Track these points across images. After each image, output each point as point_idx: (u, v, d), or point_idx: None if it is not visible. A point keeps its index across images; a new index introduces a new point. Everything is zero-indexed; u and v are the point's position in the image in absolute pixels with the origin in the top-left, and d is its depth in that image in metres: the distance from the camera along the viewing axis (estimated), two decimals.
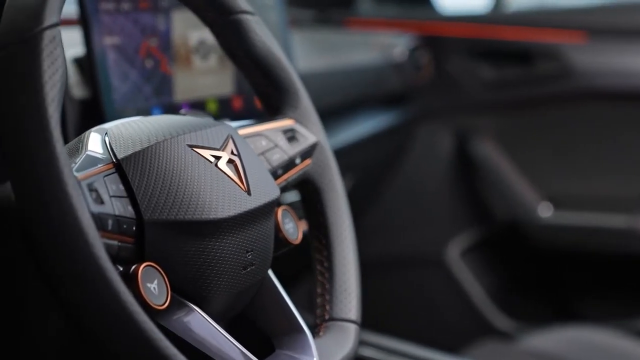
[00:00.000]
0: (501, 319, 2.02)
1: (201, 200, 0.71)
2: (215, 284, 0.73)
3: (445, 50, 2.02)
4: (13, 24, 0.64)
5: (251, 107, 1.26)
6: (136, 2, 1.10)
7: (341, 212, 0.90)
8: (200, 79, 1.19)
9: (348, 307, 0.86)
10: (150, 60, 1.11)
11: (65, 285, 0.61)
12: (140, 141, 0.72)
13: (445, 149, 2.06)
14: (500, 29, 2.00)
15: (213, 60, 1.21)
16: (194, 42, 1.18)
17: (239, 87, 1.25)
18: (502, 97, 2.01)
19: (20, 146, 0.61)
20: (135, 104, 1.09)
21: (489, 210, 2.08)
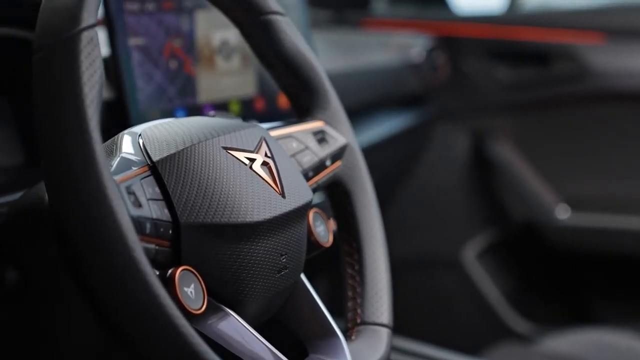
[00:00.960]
0: (518, 321, 2.01)
1: (237, 203, 0.70)
2: (251, 288, 0.72)
3: (462, 51, 2.01)
4: (50, 25, 0.63)
5: (273, 108, 1.26)
6: (160, 2, 1.09)
7: (371, 215, 0.89)
8: (223, 80, 1.18)
9: (380, 311, 0.85)
10: (174, 61, 1.10)
11: (103, 289, 0.60)
12: (175, 143, 0.71)
13: (462, 150, 2.05)
14: (517, 29, 1.99)
15: (236, 61, 1.20)
16: (216, 42, 1.17)
17: (261, 88, 1.24)
18: (519, 98, 2.00)
19: (59, 148, 0.60)
20: (159, 105, 1.08)
21: (506, 212, 2.07)
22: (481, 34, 2.02)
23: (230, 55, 1.19)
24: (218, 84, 1.17)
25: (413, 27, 2.04)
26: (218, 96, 1.17)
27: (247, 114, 1.21)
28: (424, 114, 1.97)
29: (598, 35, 1.92)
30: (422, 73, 1.92)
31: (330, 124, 0.89)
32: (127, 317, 0.60)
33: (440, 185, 2.06)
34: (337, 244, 0.89)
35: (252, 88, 1.23)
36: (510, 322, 2.00)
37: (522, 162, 2.01)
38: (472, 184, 2.08)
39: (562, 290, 2.10)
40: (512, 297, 2.04)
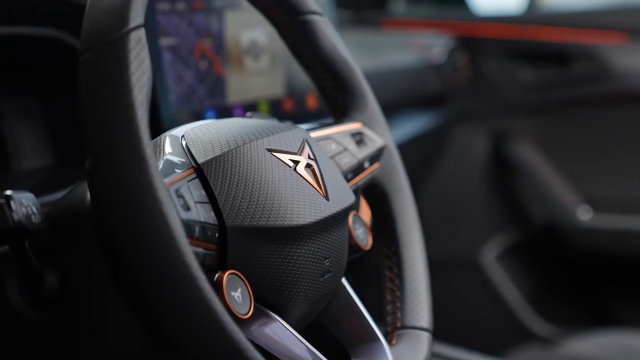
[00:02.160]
0: (538, 323, 1.99)
1: (283, 206, 0.69)
2: (295, 291, 0.71)
3: (482, 51, 2.00)
4: (97, 26, 0.62)
5: (302, 109, 1.25)
6: (190, 2, 1.08)
7: (410, 217, 0.88)
8: (252, 81, 1.17)
9: (420, 315, 0.84)
10: (204, 62, 1.09)
11: (153, 293, 0.59)
12: (220, 145, 0.70)
13: (482, 150, 2.04)
14: (538, 29, 1.98)
15: (264, 62, 1.19)
16: (245, 42, 1.16)
17: (290, 88, 1.23)
18: (540, 98, 1.99)
19: (109, 152, 0.59)
20: (189, 106, 1.07)
21: (526, 213, 2.05)
22: (501, 34, 2.01)
23: (258, 55, 1.18)
24: (247, 84, 1.16)
25: (433, 27, 2.03)
26: (247, 97, 1.16)
27: (276, 115, 1.20)
28: (444, 115, 1.96)
29: (619, 35, 1.91)
30: (443, 74, 1.91)
31: (368, 125, 0.88)
32: (177, 323, 0.59)
33: (460, 186, 2.05)
34: (375, 246, 0.88)
35: (280, 89, 1.22)
36: (530, 324, 1.99)
37: (542, 162, 2.00)
38: (492, 185, 2.07)
39: (583, 292, 2.08)
40: (532, 298, 2.03)
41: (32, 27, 0.90)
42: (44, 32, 0.91)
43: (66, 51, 0.94)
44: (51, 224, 0.72)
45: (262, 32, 1.17)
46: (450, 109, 1.99)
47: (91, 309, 0.73)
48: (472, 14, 2.22)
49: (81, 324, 0.73)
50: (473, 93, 2.01)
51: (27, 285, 0.73)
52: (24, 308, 0.74)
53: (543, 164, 2.00)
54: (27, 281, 0.73)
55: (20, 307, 0.74)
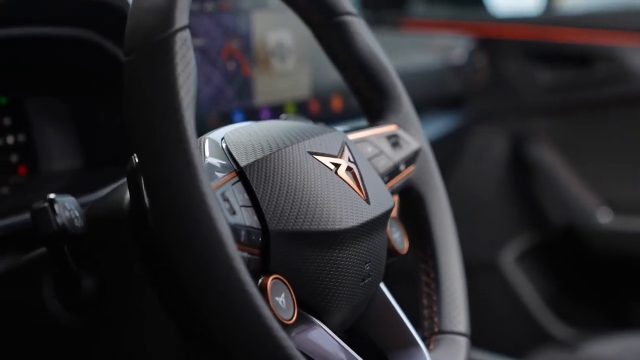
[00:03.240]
0: (557, 326, 1.98)
1: (325, 210, 0.68)
2: (337, 296, 0.70)
3: (501, 52, 1.98)
4: (142, 26, 0.61)
5: (327, 111, 1.24)
6: (218, 2, 1.07)
7: (445, 220, 0.87)
8: (278, 82, 1.16)
9: (457, 319, 0.83)
10: (232, 63, 1.08)
11: (201, 299, 0.58)
12: (262, 148, 0.69)
13: (501, 152, 2.03)
14: (557, 30, 1.96)
15: (290, 63, 1.18)
16: (272, 44, 1.15)
17: (315, 89, 1.22)
18: (559, 100, 1.97)
19: (156, 155, 0.58)
20: (217, 108, 1.06)
21: (546, 215, 2.04)
22: (520, 35, 2.00)
23: (285, 56, 1.17)
24: (274, 85, 1.15)
25: (451, 28, 2.01)
26: (274, 98, 1.15)
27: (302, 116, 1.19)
28: (463, 116, 1.95)
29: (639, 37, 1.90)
30: (462, 75, 1.90)
31: (403, 127, 0.87)
32: (224, 327, 0.58)
33: (479, 187, 2.04)
34: (410, 250, 0.87)
35: (306, 90, 1.21)
36: (549, 327, 1.98)
37: (562, 164, 1.99)
38: (512, 187, 2.05)
39: (602, 294, 2.07)
40: (551, 301, 2.02)
41: (62, 28, 0.89)
42: (74, 33, 0.90)
43: (97, 52, 0.93)
44: (89, 226, 0.71)
45: (288, 33, 1.16)
46: (469, 111, 1.97)
47: (128, 312, 0.72)
48: (490, 15, 2.21)
49: (117, 328, 0.72)
50: (492, 94, 1.99)
51: (63, 289, 0.72)
52: (60, 312, 0.73)
53: (562, 165, 1.98)
54: (64, 284, 0.72)
55: (56, 311, 0.73)
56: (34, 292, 0.74)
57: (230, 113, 1.08)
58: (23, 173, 0.97)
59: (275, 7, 1.13)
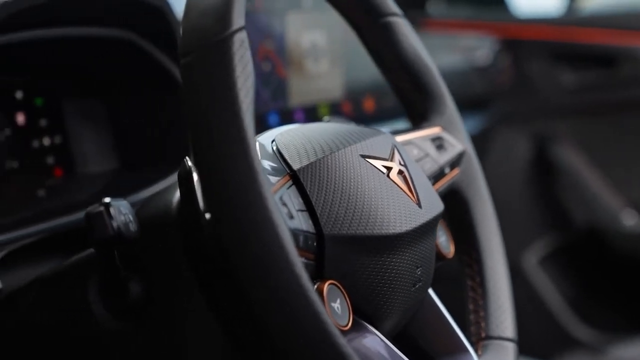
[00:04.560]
0: (581, 329, 1.97)
1: (379, 214, 0.67)
2: (390, 302, 0.69)
3: (525, 53, 1.97)
4: (198, 27, 0.60)
5: (360, 112, 1.23)
6: (252, 2, 1.06)
7: (490, 224, 0.86)
8: (312, 83, 1.15)
9: (505, 325, 0.82)
10: (267, 63, 1.07)
11: (261, 305, 0.57)
12: (314, 151, 0.68)
13: (525, 153, 2.01)
14: (582, 31, 1.95)
15: (324, 64, 1.17)
16: (306, 45, 1.14)
17: (348, 91, 1.21)
18: (583, 101, 1.95)
19: (214, 158, 0.57)
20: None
21: (569, 217, 2.02)
22: (544, 36, 1.98)
23: (318, 57, 1.16)
24: (308, 87, 1.14)
25: (474, 29, 2.00)
26: (308, 99, 1.14)
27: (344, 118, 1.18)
28: (487, 118, 1.93)
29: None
30: (487, 76, 1.88)
31: (447, 129, 0.86)
32: (285, 333, 0.57)
33: (501, 189, 2.02)
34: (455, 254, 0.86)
35: (339, 91, 1.20)
36: (573, 330, 1.96)
37: (586, 166, 1.97)
38: (535, 188, 2.04)
39: (627, 297, 2.05)
40: (575, 304, 2.00)
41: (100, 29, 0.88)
42: (112, 34, 0.89)
43: (133, 53, 0.92)
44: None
45: (322, 34, 1.15)
46: (493, 112, 1.96)
47: (174, 318, 0.71)
48: (513, 15, 2.19)
49: (163, 334, 0.71)
50: (516, 95, 1.98)
51: (110, 293, 0.71)
52: (106, 316, 0.72)
53: (586, 167, 1.97)
54: (110, 289, 0.71)
55: (102, 316, 0.72)
56: (79, 297, 0.73)
57: (266, 115, 1.07)
58: (59, 175, 0.96)
59: (309, 8, 1.12)
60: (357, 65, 1.23)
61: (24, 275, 0.79)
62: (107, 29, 0.89)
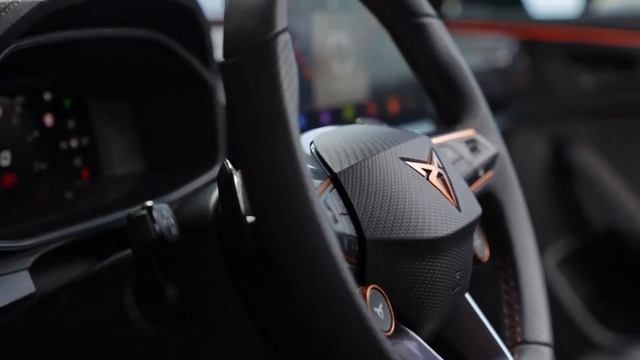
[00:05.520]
0: (600, 332, 1.95)
1: (421, 218, 0.66)
2: (431, 306, 0.68)
3: (543, 54, 1.96)
4: (242, 28, 0.59)
5: (385, 113, 1.22)
6: None
7: (525, 227, 0.85)
8: (337, 84, 1.14)
9: (540, 329, 0.81)
10: None
11: (307, 309, 0.56)
12: (354, 154, 0.67)
13: (543, 155, 2.00)
14: (600, 32, 1.94)
15: (349, 65, 1.16)
16: (332, 45, 1.13)
17: (373, 92, 1.20)
18: (602, 102, 1.94)
19: (261, 162, 0.56)
20: None
21: (587, 219, 2.01)
22: (562, 37, 1.97)
23: (344, 59, 1.15)
24: (333, 88, 1.13)
25: (490, 30, 1.99)
26: (334, 101, 1.13)
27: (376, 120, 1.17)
28: (505, 119, 1.92)
29: None
30: (505, 77, 1.87)
31: (481, 132, 0.85)
32: (331, 339, 0.56)
33: None
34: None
35: (364, 92, 1.19)
36: (592, 333, 1.95)
37: (604, 168, 1.96)
38: (553, 190, 2.03)
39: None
40: (593, 306, 1.99)
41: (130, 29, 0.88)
42: (141, 34, 0.88)
43: (162, 53, 0.91)
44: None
45: (347, 34, 1.14)
46: (511, 113, 1.95)
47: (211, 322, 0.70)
48: (530, 16, 2.18)
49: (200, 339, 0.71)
50: (534, 97, 1.97)
51: (146, 298, 0.71)
52: (141, 321, 0.71)
53: (604, 169, 1.96)
54: (146, 293, 0.70)
55: (137, 320, 0.72)
56: (113, 301, 0.72)
57: None
58: (86, 177, 0.95)
59: (334, 9, 1.11)
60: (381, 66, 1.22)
61: (56, 279, 0.79)
62: (137, 29, 0.88)
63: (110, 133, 0.97)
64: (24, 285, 0.74)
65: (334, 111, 1.12)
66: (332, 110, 1.12)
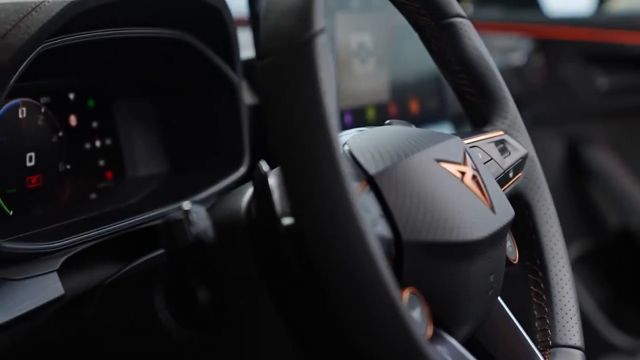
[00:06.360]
0: (614, 334, 1.94)
1: (457, 221, 0.65)
2: (467, 310, 0.67)
3: (557, 54, 1.95)
4: (279, 27, 0.58)
5: (405, 114, 1.21)
6: None
7: (554, 230, 0.85)
8: (359, 85, 1.14)
9: (572, 332, 0.80)
10: None
11: (348, 313, 0.55)
12: (389, 155, 0.66)
13: (558, 155, 1.99)
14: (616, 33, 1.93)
15: (371, 65, 1.16)
16: (354, 45, 1.12)
17: (394, 93, 1.19)
18: (617, 103, 1.94)
19: (300, 163, 0.55)
20: None
21: (602, 220, 2.01)
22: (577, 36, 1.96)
23: (366, 59, 1.14)
24: (355, 88, 1.13)
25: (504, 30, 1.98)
26: (356, 102, 1.13)
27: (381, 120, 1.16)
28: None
29: None
30: (521, 77, 1.86)
31: (510, 133, 0.85)
32: (373, 342, 0.55)
33: None
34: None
35: (385, 93, 1.18)
36: (606, 335, 1.94)
37: (619, 169, 1.95)
38: (568, 191, 2.02)
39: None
40: (608, 308, 1.98)
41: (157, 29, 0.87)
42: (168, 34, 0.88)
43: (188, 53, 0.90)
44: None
45: (369, 35, 1.13)
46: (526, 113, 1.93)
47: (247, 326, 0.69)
48: (544, 16, 2.17)
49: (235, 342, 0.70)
50: (549, 97, 1.96)
51: (178, 301, 0.70)
52: (173, 325, 0.71)
53: (619, 169, 1.95)
54: (178, 296, 0.70)
55: (169, 324, 0.71)
56: (144, 304, 0.72)
57: None
58: (110, 178, 0.94)
59: (358, 8, 1.10)
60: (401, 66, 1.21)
61: (85, 281, 0.78)
62: (164, 29, 0.88)
63: (134, 134, 0.96)
64: (53, 287, 0.73)
65: (356, 111, 1.12)
66: (354, 111, 1.11)
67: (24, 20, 0.68)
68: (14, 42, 0.67)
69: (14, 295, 0.70)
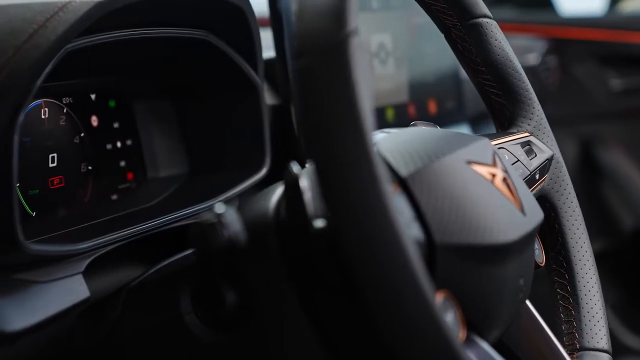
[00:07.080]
0: (627, 336, 1.94)
1: (489, 223, 0.65)
2: (498, 313, 0.67)
3: (571, 54, 1.94)
4: (312, 27, 0.58)
5: (424, 114, 1.20)
6: None
7: (580, 232, 0.84)
8: (379, 85, 1.13)
9: (599, 335, 0.80)
10: None
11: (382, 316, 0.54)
12: (420, 157, 0.65)
13: (571, 156, 1.98)
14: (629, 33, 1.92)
15: (390, 66, 1.15)
16: (374, 46, 1.12)
17: (412, 93, 1.18)
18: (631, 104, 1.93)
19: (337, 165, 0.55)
20: None
21: (615, 221, 2.00)
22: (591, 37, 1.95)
23: (385, 59, 1.14)
24: (375, 89, 1.12)
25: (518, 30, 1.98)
26: (376, 102, 1.12)
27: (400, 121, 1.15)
28: None
29: None
30: (535, 77, 1.86)
31: (536, 135, 0.84)
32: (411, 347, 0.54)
33: None
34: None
35: (404, 93, 1.17)
36: (618, 336, 1.93)
37: (633, 169, 1.94)
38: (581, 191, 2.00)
39: None
40: (620, 309, 1.97)
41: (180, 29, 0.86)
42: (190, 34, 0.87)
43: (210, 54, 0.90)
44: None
45: (388, 36, 1.13)
46: None
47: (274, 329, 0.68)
48: (558, 16, 2.16)
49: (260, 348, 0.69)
50: (563, 97, 1.95)
51: (205, 304, 0.69)
52: (199, 328, 0.70)
53: (633, 170, 1.94)
54: (205, 299, 0.69)
55: (195, 327, 0.70)
56: (171, 306, 0.71)
57: None
58: (130, 179, 0.94)
59: (378, 9, 1.09)
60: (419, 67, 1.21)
61: (110, 283, 0.78)
62: (187, 29, 0.87)
63: (155, 135, 0.95)
64: (79, 289, 0.73)
65: (375, 112, 1.11)
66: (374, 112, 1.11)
67: (50, 20, 0.67)
68: (41, 42, 0.66)
69: (40, 297, 0.69)
